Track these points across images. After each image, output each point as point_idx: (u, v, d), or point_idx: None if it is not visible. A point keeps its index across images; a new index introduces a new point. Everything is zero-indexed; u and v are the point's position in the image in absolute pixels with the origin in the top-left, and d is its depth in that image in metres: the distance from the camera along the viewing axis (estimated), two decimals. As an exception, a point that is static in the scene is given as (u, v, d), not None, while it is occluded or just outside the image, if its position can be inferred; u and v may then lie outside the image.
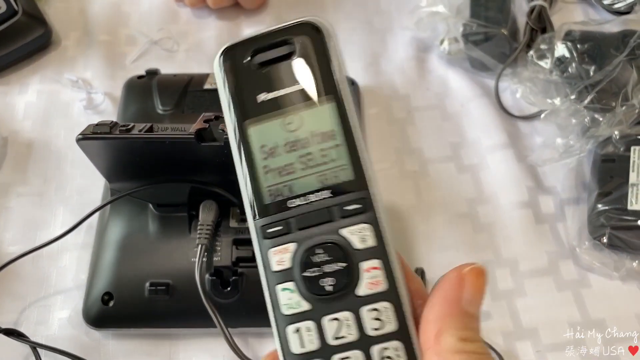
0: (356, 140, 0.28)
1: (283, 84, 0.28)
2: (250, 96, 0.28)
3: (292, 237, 0.28)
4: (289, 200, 0.28)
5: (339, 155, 0.28)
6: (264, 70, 0.29)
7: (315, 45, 0.29)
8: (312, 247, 0.27)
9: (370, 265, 0.27)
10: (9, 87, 0.66)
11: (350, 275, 0.27)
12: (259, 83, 0.28)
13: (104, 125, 0.40)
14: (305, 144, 0.28)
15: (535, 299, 0.52)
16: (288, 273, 0.27)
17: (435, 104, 0.63)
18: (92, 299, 0.49)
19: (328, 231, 0.27)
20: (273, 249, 0.28)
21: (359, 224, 0.27)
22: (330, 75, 0.28)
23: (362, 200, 0.27)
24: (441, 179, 0.58)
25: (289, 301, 0.27)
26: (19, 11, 0.65)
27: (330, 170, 0.28)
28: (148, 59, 0.67)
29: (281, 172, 0.28)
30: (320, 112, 0.28)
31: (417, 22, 0.64)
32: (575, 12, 0.68)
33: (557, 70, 0.58)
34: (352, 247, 0.27)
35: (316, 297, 0.27)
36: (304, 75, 0.28)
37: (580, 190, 0.56)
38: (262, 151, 0.28)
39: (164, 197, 0.48)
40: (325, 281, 0.27)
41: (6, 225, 0.57)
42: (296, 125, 0.28)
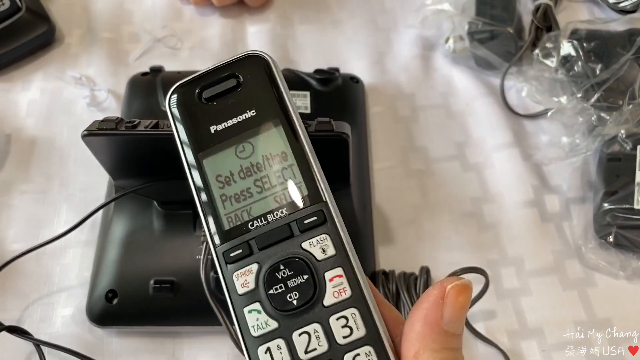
0: (308, 157, 0.29)
1: (232, 114, 0.30)
2: (202, 129, 0.30)
3: (254, 258, 0.28)
4: (249, 223, 0.28)
5: (293, 174, 0.29)
6: (213, 104, 0.30)
7: (259, 74, 0.30)
8: (274, 264, 0.28)
9: (333, 274, 0.27)
10: (12, 84, 0.65)
11: (314, 287, 0.27)
12: (209, 116, 0.30)
13: (110, 122, 0.40)
14: (259, 168, 0.29)
15: (540, 298, 0.52)
16: (253, 294, 0.28)
17: (440, 103, 0.63)
18: (96, 297, 0.49)
19: (289, 247, 0.28)
20: (236, 272, 0.28)
21: (318, 235, 0.28)
22: (276, 100, 0.30)
23: (319, 213, 0.28)
24: (446, 178, 0.58)
25: (256, 322, 0.27)
26: (22, 8, 0.65)
27: (286, 189, 0.29)
28: (151, 56, 0.67)
29: (238, 198, 0.29)
30: (270, 136, 0.29)
31: (422, 20, 0.64)
32: (580, 10, 0.68)
33: (562, 68, 0.58)
34: (314, 259, 0.28)
35: (283, 314, 0.27)
36: (250, 104, 0.30)
37: (586, 189, 0.56)
38: (218, 181, 0.29)
39: (169, 194, 0.48)
40: (290, 296, 0.27)
41: (9, 223, 0.56)
42: (248, 151, 0.29)
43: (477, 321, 0.50)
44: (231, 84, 0.30)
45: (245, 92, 0.30)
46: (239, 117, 0.29)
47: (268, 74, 0.30)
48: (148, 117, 0.52)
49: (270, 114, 0.29)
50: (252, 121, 0.29)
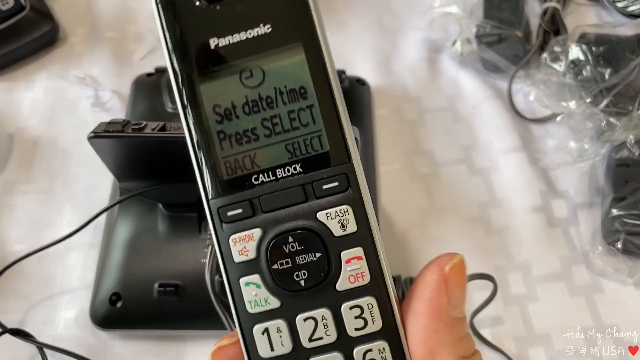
0: (335, 99, 0.23)
1: (240, 26, 0.23)
2: (200, 41, 0.23)
3: (257, 222, 0.23)
4: (252, 175, 0.23)
5: (312, 118, 0.23)
6: (216, 7, 0.23)
7: None
8: (281, 234, 0.23)
9: (351, 254, 0.23)
10: (15, 84, 0.65)
11: (328, 268, 0.23)
12: (210, 24, 0.23)
13: (116, 124, 0.40)
14: (269, 104, 0.23)
15: (547, 304, 0.51)
16: (253, 264, 0.23)
17: (447, 106, 0.62)
18: (100, 300, 0.48)
19: (301, 215, 0.23)
20: (234, 236, 0.23)
21: (338, 205, 0.23)
22: (305, 14, 0.23)
23: (343, 177, 0.23)
24: (453, 182, 0.58)
25: (254, 297, 0.23)
26: (26, 7, 0.64)
27: (302, 137, 0.23)
28: (156, 56, 0.66)
29: (240, 139, 0.23)
30: (289, 63, 0.23)
31: (429, 22, 0.63)
32: (587, 14, 0.68)
33: (570, 73, 0.57)
34: (331, 234, 0.23)
35: (287, 293, 0.23)
36: (267, 14, 0.23)
37: (594, 195, 0.56)
38: (216, 112, 0.23)
39: (174, 196, 0.47)
40: (298, 275, 0.23)
41: (11, 224, 0.56)
42: (257, 79, 0.23)
43: (483, 327, 0.50)
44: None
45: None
46: (249, 32, 0.23)
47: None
48: (153, 119, 0.52)
49: (292, 33, 0.23)
50: (267, 39, 0.23)
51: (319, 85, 0.23)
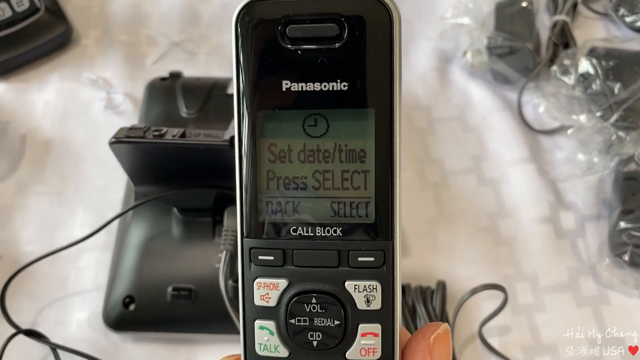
0: (394, 172, 0.22)
1: (317, 76, 0.22)
2: (272, 80, 0.22)
3: (286, 273, 0.23)
4: (292, 226, 0.23)
5: (365, 184, 0.22)
6: (297, 50, 0.22)
7: (376, 33, 0.21)
8: (306, 292, 0.23)
9: (369, 329, 0.23)
10: (28, 85, 0.65)
11: (343, 336, 0.23)
12: (288, 66, 0.22)
13: (138, 129, 0.40)
14: (326, 158, 0.23)
15: (554, 315, 0.52)
16: (271, 311, 0.23)
17: (457, 116, 0.63)
18: (113, 302, 0.49)
19: (330, 279, 0.23)
20: (260, 280, 0.23)
21: (368, 280, 0.23)
22: (385, 80, 0.22)
23: (380, 254, 0.23)
24: (462, 191, 0.58)
25: (265, 342, 0.24)
26: (41, 9, 0.65)
27: (350, 200, 0.23)
28: (169, 60, 0.67)
29: (288, 184, 0.23)
30: (356, 124, 0.22)
31: (441, 33, 0.64)
32: (596, 28, 0.68)
33: (580, 86, 0.58)
34: (354, 306, 0.23)
35: (297, 347, 0.23)
36: (346, 71, 0.22)
37: (601, 207, 0.56)
38: (271, 152, 0.23)
39: (189, 201, 0.48)
40: (312, 335, 0.23)
41: (24, 224, 0.56)
42: (320, 130, 0.22)
43: (491, 336, 0.50)
44: (330, 32, 0.21)
45: (345, 51, 0.22)
46: (324, 84, 0.22)
47: (387, 36, 0.21)
48: (168, 123, 0.53)
49: (367, 98, 0.22)
50: (341, 97, 0.22)
51: (380, 154, 0.22)
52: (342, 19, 0.21)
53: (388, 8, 0.21)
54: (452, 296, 0.51)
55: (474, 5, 0.62)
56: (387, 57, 0.22)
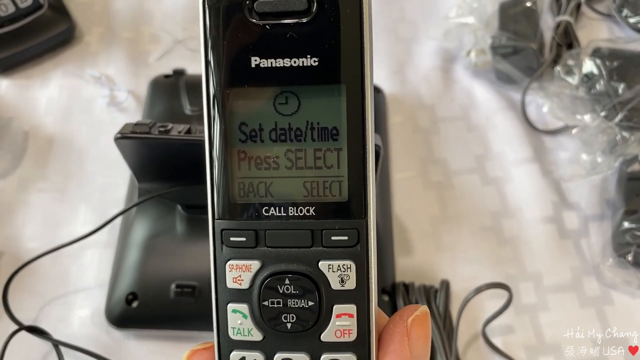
0: (367, 150, 0.22)
1: (286, 52, 0.21)
2: (241, 57, 0.22)
3: (258, 254, 0.23)
4: (264, 206, 0.22)
5: (338, 162, 0.22)
6: (265, 25, 0.21)
7: (345, 6, 0.21)
8: (279, 273, 0.23)
9: (344, 310, 0.23)
10: (31, 81, 0.65)
11: (317, 318, 0.23)
12: (256, 41, 0.21)
13: (143, 125, 0.40)
14: (298, 136, 0.22)
15: (558, 314, 0.52)
16: (244, 294, 0.23)
17: (460, 115, 0.63)
18: (116, 299, 0.49)
19: (303, 259, 0.23)
20: (232, 262, 0.23)
21: (342, 259, 0.22)
22: (356, 55, 0.21)
23: (354, 232, 0.22)
24: (465, 191, 0.58)
25: (239, 326, 0.23)
26: (44, 5, 0.64)
27: (323, 179, 0.22)
28: (172, 58, 0.67)
29: (260, 163, 0.22)
30: (328, 101, 0.22)
31: (445, 32, 0.64)
32: (599, 28, 0.68)
33: (583, 86, 0.58)
34: (328, 286, 0.23)
35: (272, 330, 0.23)
36: (316, 46, 0.21)
37: (604, 207, 0.56)
38: (241, 131, 0.22)
39: (194, 198, 0.48)
40: (286, 317, 0.23)
41: (26, 221, 0.56)
42: (291, 108, 0.22)
43: (495, 336, 0.50)
44: (299, 6, 0.21)
45: (315, 25, 0.21)
46: (294, 60, 0.21)
47: (356, 10, 0.21)
48: (171, 120, 0.52)
49: (338, 73, 0.21)
50: (311, 73, 0.21)
51: (352, 131, 0.22)
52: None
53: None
54: (455, 295, 0.51)
55: (478, 4, 0.62)
56: (357, 32, 0.21)
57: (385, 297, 0.49)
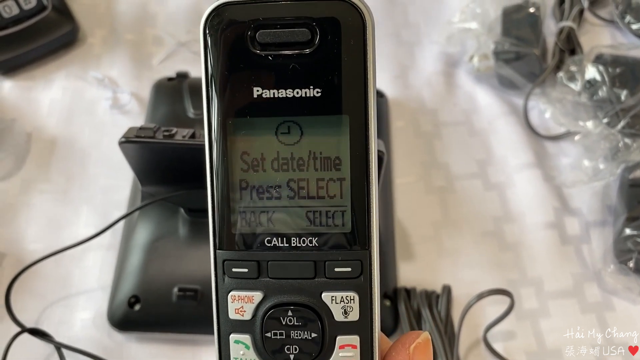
0: (370, 180, 0.22)
1: (288, 82, 0.21)
2: (242, 87, 0.22)
3: (260, 285, 0.23)
4: (266, 237, 0.22)
5: (340, 192, 0.22)
6: (267, 56, 0.21)
7: (348, 37, 0.21)
8: (282, 305, 0.23)
9: (347, 341, 0.23)
10: (34, 83, 0.65)
11: (320, 349, 0.23)
12: (257, 72, 0.21)
13: (148, 129, 0.40)
14: (300, 166, 0.22)
15: (559, 320, 0.52)
16: (246, 325, 0.23)
17: (463, 120, 0.63)
18: (118, 302, 0.49)
19: (306, 290, 0.22)
20: (234, 293, 0.23)
21: (346, 290, 0.22)
22: (360, 86, 0.21)
23: (357, 264, 0.22)
24: (467, 196, 0.58)
25: (241, 356, 0.23)
26: (48, 7, 0.65)
27: (326, 209, 0.22)
28: (175, 60, 0.67)
29: (262, 193, 0.22)
30: (330, 131, 0.22)
31: (448, 37, 0.64)
32: (602, 34, 0.69)
33: (586, 92, 0.58)
34: (331, 317, 0.23)
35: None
36: (319, 77, 0.21)
37: (606, 213, 0.56)
38: (243, 160, 0.22)
39: (197, 202, 0.48)
40: (289, 348, 0.23)
41: (28, 223, 0.56)
42: (293, 138, 0.22)
43: (496, 341, 0.50)
44: (302, 37, 0.21)
45: (317, 56, 0.21)
46: (296, 91, 0.21)
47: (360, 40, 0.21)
48: (175, 124, 0.53)
49: (341, 104, 0.21)
50: (314, 103, 0.21)
51: (355, 162, 0.22)
52: (314, 23, 0.21)
53: (360, 12, 0.21)
54: (456, 300, 0.51)
55: (482, 10, 0.62)
56: (361, 62, 0.21)
57: (387, 302, 0.50)
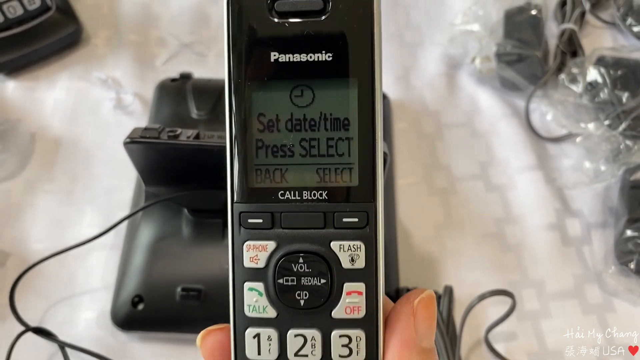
0: (376, 139, 0.24)
1: (303, 48, 0.23)
2: (261, 52, 0.23)
3: (274, 235, 0.24)
4: (279, 190, 0.24)
5: (348, 150, 0.24)
6: (284, 23, 0.23)
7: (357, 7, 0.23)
8: (294, 252, 0.24)
9: (353, 288, 0.24)
10: (38, 83, 0.65)
11: (329, 295, 0.24)
12: (275, 38, 0.23)
13: (153, 130, 0.40)
14: (312, 126, 0.24)
15: (560, 321, 0.52)
16: (260, 273, 0.24)
17: (465, 122, 0.63)
18: (122, 301, 0.49)
19: (316, 239, 0.24)
20: (249, 242, 0.24)
21: (353, 240, 0.24)
22: (367, 51, 0.23)
23: (363, 215, 0.24)
24: (469, 197, 0.58)
25: (254, 303, 0.25)
26: (52, 7, 0.65)
27: (334, 166, 0.24)
28: (178, 61, 0.67)
29: (276, 151, 0.24)
30: (340, 94, 0.24)
31: (450, 39, 0.64)
32: (603, 37, 0.69)
33: (587, 94, 0.58)
34: (339, 264, 0.24)
35: (285, 307, 0.24)
36: (331, 43, 0.23)
37: (607, 215, 0.57)
38: (259, 121, 0.24)
39: (201, 202, 0.48)
40: (300, 294, 0.24)
41: (32, 222, 0.56)
42: (306, 100, 0.24)
43: (497, 342, 0.51)
44: (315, 6, 0.23)
45: (330, 23, 0.23)
46: (310, 55, 0.23)
47: (368, 10, 0.23)
48: (178, 124, 0.53)
49: (351, 67, 0.23)
50: (325, 67, 0.23)
51: (362, 122, 0.24)
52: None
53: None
54: (458, 301, 0.51)
55: (484, 12, 0.63)
56: (369, 30, 0.23)
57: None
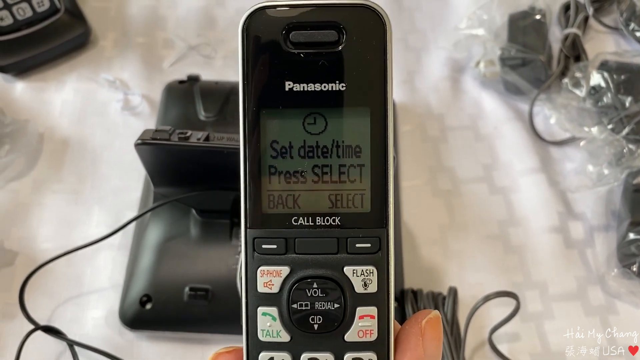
0: (387, 167, 0.24)
1: (317, 77, 0.24)
2: (275, 81, 0.24)
3: (288, 260, 0.25)
4: (293, 217, 0.25)
5: (360, 177, 0.24)
6: (300, 53, 0.24)
7: (371, 39, 0.24)
8: (307, 278, 0.25)
9: (366, 312, 0.25)
10: (46, 84, 0.66)
11: (342, 319, 0.25)
12: (289, 68, 0.24)
13: (163, 132, 0.41)
14: (324, 153, 0.24)
15: (563, 323, 0.53)
16: (273, 297, 0.25)
17: (469, 125, 0.64)
18: (130, 301, 0.50)
19: (330, 264, 0.25)
20: (263, 268, 0.25)
21: (365, 265, 0.25)
22: (380, 81, 0.24)
23: (376, 240, 0.25)
24: (473, 200, 0.59)
25: (268, 328, 0.25)
26: (61, 9, 0.65)
27: (346, 192, 0.25)
28: (185, 63, 0.68)
29: (289, 178, 0.24)
30: (353, 122, 0.24)
31: (454, 43, 0.65)
32: (607, 41, 0.70)
33: (591, 98, 0.59)
34: (352, 289, 0.25)
35: (299, 331, 0.25)
36: (344, 73, 0.24)
37: (610, 218, 0.57)
38: (273, 148, 0.24)
39: (209, 203, 0.48)
40: (314, 318, 0.25)
41: (40, 222, 0.57)
42: (319, 128, 0.24)
43: (501, 343, 0.51)
44: (329, 37, 0.24)
45: (343, 54, 0.24)
46: (324, 85, 0.24)
47: (381, 42, 0.24)
48: (186, 126, 0.54)
49: (363, 97, 0.24)
50: (338, 96, 0.24)
51: (374, 150, 0.24)
52: (341, 25, 0.24)
53: (381, 17, 0.24)
54: (462, 302, 0.52)
55: (488, 16, 0.63)
56: (381, 60, 0.24)
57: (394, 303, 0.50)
